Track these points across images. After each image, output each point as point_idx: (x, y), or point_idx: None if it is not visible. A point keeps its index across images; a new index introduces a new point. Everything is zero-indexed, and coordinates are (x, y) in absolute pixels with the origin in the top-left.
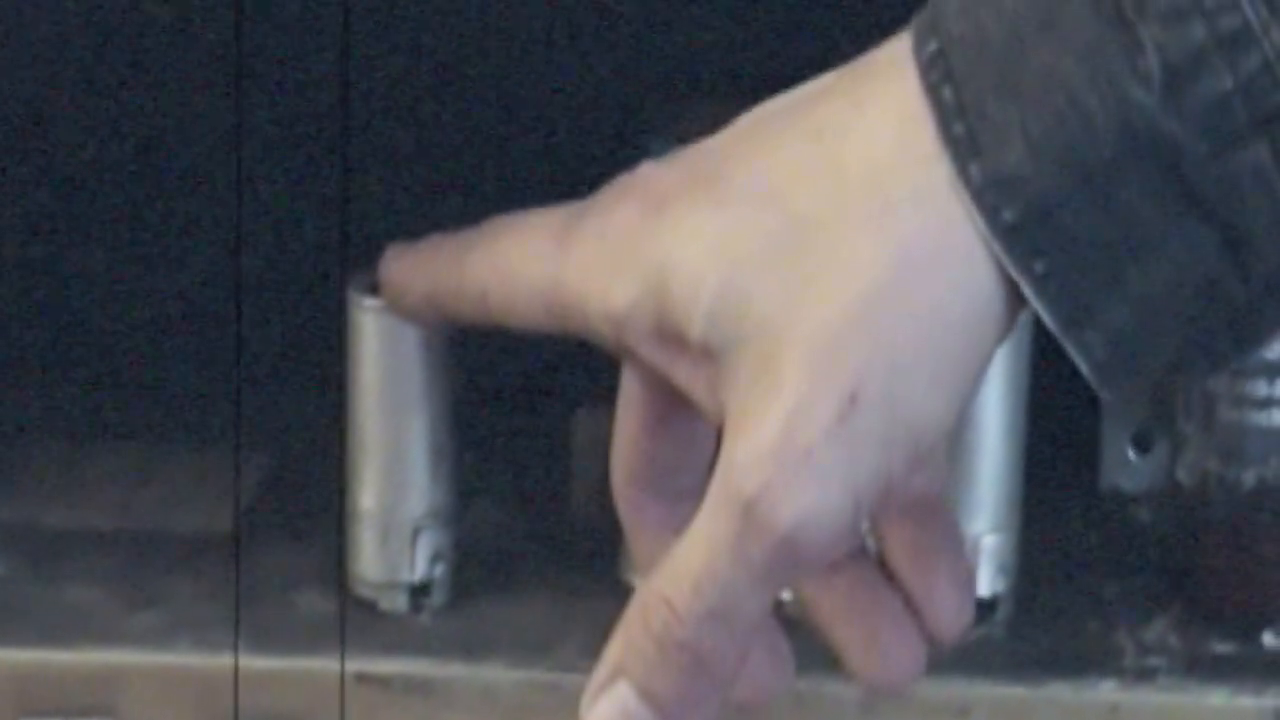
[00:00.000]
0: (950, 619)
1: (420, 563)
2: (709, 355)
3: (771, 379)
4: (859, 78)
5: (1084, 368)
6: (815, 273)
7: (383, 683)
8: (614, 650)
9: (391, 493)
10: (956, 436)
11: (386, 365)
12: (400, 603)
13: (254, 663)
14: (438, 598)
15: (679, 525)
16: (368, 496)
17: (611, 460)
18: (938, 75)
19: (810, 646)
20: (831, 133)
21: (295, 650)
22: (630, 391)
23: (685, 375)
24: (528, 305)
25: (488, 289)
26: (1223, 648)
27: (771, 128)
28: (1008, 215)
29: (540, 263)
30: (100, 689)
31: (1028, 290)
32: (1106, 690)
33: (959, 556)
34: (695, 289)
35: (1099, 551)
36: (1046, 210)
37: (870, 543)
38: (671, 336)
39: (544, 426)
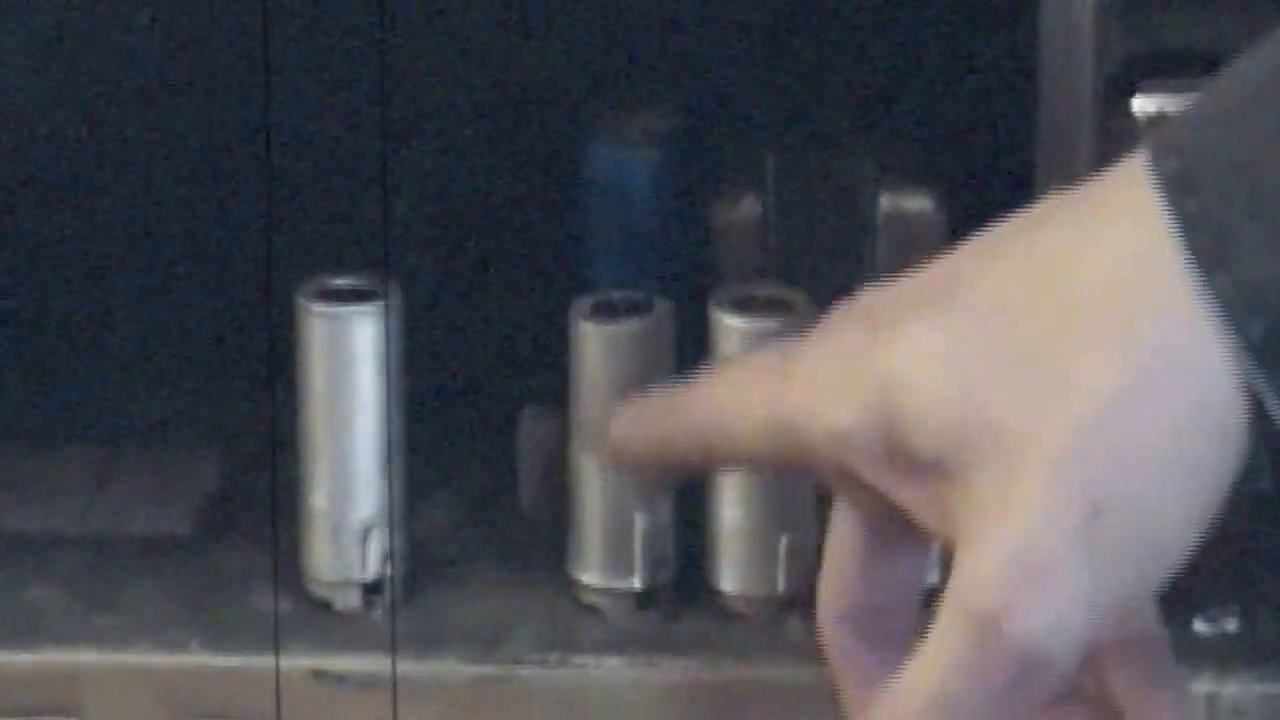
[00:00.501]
0: None
1: (372, 561)
2: (939, 473)
3: (1010, 493)
4: (1089, 197)
5: None
6: (1053, 387)
7: (337, 679)
8: None
9: (343, 493)
10: None
11: (336, 368)
12: (353, 601)
13: (212, 661)
14: (390, 595)
15: (887, 668)
16: (320, 497)
17: (819, 601)
18: (1180, 189)
19: (748, 634)
20: (1062, 252)
21: (253, 648)
22: (844, 527)
23: (911, 495)
24: (749, 436)
25: (708, 428)
26: None
27: (997, 251)
28: (1258, 328)
29: (761, 392)
30: (62, 689)
31: (1275, 406)
32: None
33: (1182, 693)
34: (926, 404)
35: None
36: None
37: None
38: (899, 455)
39: (491, 426)
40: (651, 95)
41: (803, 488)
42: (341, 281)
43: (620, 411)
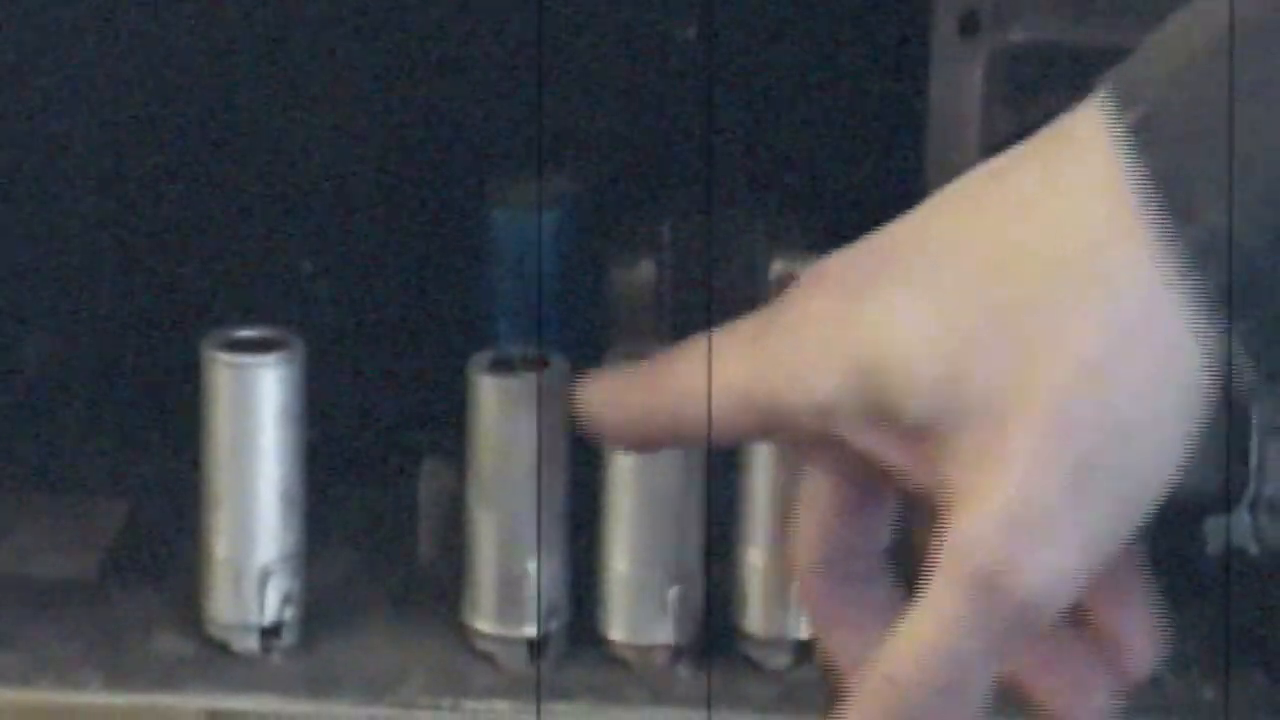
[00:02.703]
0: (1140, 659)
1: (270, 605)
2: (927, 435)
3: (1000, 452)
4: (1053, 148)
5: None
6: (1038, 349)
7: None
8: None
9: (243, 539)
10: (776, 486)
11: (239, 417)
12: (251, 643)
13: (114, 700)
14: (287, 639)
15: (862, 607)
16: (220, 542)
17: (794, 554)
18: (1141, 141)
19: (637, 681)
20: (1031, 208)
21: (153, 688)
22: (816, 483)
23: (894, 455)
24: (725, 413)
25: (683, 406)
26: None
27: (967, 207)
28: (1213, 279)
29: (735, 369)
30: None
31: (1235, 353)
32: None
33: (1145, 600)
34: (912, 371)
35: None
36: (1253, 273)
37: None
38: (882, 419)
39: (391, 476)
40: (551, 160)
41: (691, 540)
42: (246, 333)
43: (589, 383)
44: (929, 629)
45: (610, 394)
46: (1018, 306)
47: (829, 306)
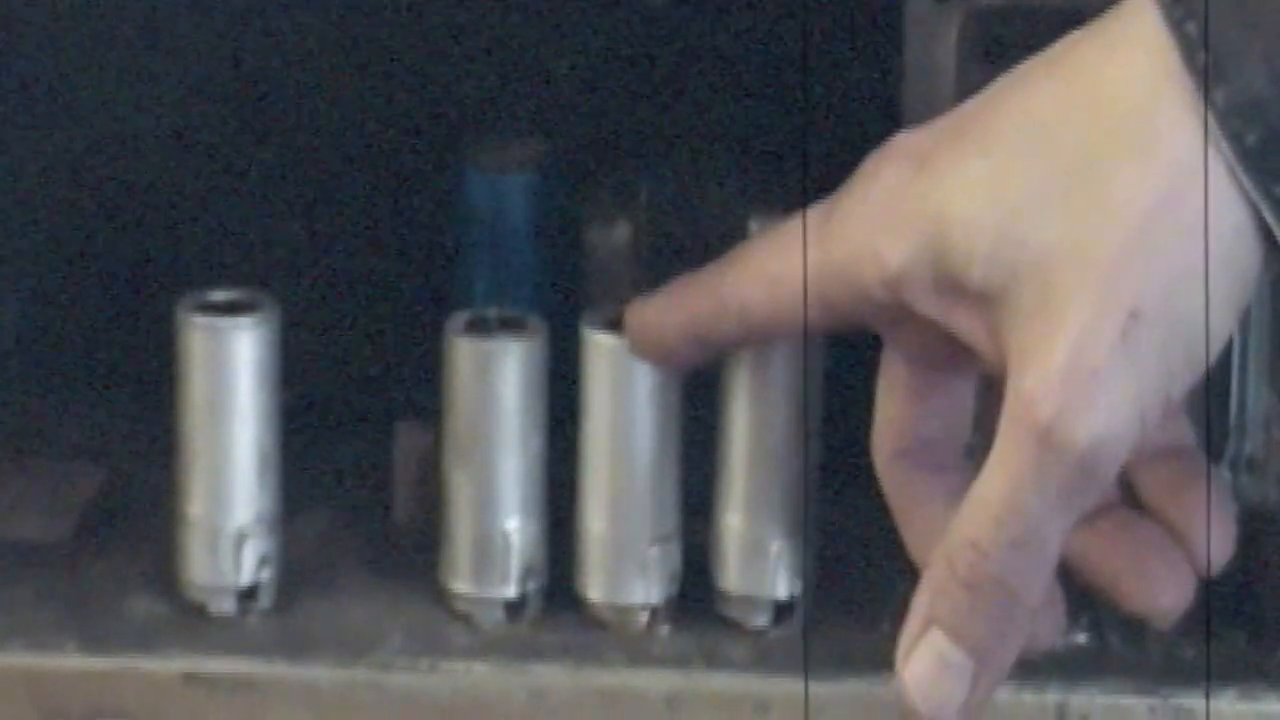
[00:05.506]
0: (1214, 544)
1: (247, 567)
2: (989, 298)
3: (1054, 308)
4: (1105, 25)
5: None
6: (1088, 206)
7: (211, 682)
8: (922, 602)
9: (219, 501)
10: (754, 446)
11: (214, 379)
12: (228, 606)
13: (90, 663)
14: (264, 601)
15: (943, 496)
16: (196, 504)
17: (873, 442)
18: (1181, 12)
19: (616, 641)
20: (1086, 74)
21: (128, 651)
22: (893, 369)
23: (964, 324)
24: (794, 301)
25: (750, 302)
26: None
27: (1026, 79)
28: (1250, 139)
29: (798, 257)
30: None
31: (1267, 213)
32: (899, 686)
33: (1215, 488)
34: (972, 235)
35: (893, 554)
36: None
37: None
38: (950, 287)
39: (366, 438)
40: (527, 122)
41: (669, 500)
42: (221, 295)
43: (639, 306)
44: (1001, 488)
45: (666, 309)
46: (1068, 168)
47: (897, 180)
